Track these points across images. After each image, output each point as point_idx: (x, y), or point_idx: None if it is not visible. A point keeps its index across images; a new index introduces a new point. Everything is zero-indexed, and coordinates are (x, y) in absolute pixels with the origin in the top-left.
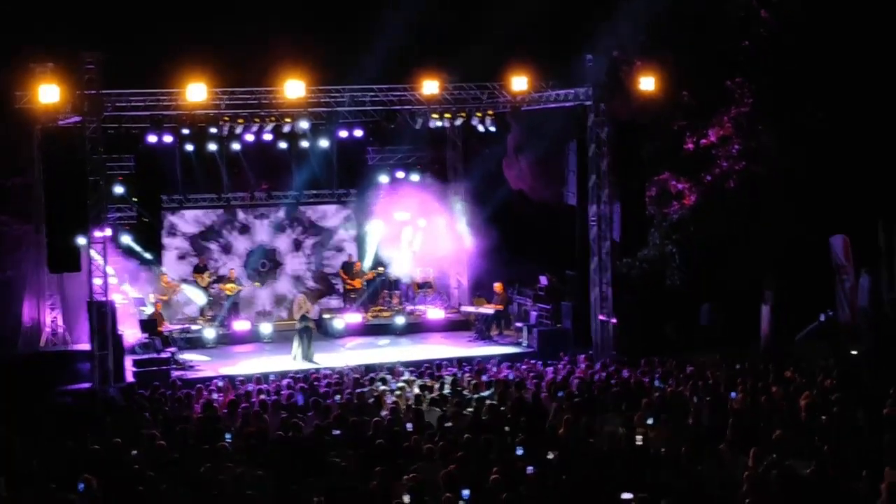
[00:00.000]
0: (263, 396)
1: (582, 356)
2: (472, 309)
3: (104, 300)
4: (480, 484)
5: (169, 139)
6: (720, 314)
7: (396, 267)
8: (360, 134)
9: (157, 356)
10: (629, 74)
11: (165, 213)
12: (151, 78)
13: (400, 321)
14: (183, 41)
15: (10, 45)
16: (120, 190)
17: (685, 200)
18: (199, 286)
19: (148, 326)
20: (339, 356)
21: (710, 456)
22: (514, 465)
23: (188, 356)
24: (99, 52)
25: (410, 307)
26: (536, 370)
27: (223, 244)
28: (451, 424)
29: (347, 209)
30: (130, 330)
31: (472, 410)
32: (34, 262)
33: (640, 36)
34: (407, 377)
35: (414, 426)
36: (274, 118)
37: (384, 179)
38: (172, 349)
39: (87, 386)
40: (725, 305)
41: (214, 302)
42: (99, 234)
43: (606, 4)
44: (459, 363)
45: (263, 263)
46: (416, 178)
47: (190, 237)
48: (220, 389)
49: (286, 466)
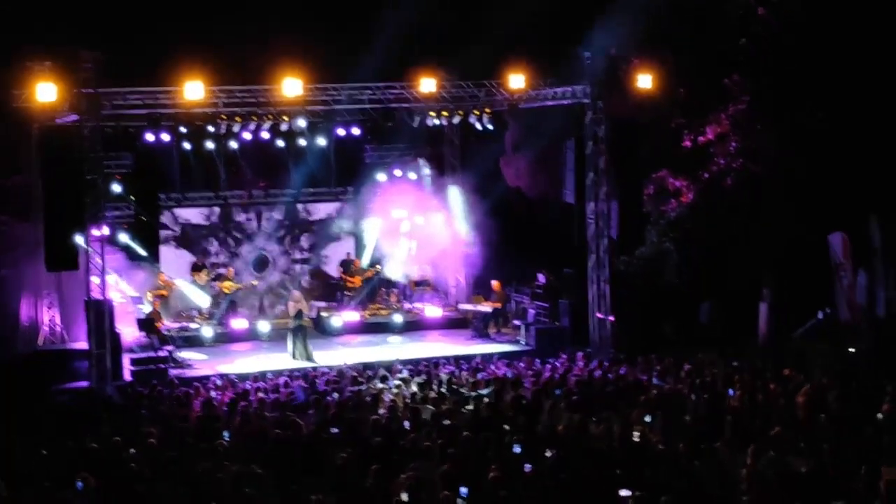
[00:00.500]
0: (261, 395)
1: (580, 354)
2: (470, 307)
3: (102, 299)
4: (478, 482)
5: (166, 138)
6: (719, 312)
7: (394, 265)
8: (357, 132)
9: (154, 355)
10: (627, 72)
11: (163, 211)
12: (149, 76)
13: (398, 319)
14: (180, 39)
15: (7, 43)
16: (118, 188)
17: (683, 198)
18: (197, 284)
19: (146, 325)
20: (337, 354)
21: (707, 454)
22: (512, 463)
23: (186, 354)
24: (96, 50)
25: (408, 305)
26: (534, 368)
27: (221, 243)
28: (448, 422)
29: (345, 207)
30: (128, 328)
31: (470, 408)
32: (32, 260)
33: (637, 34)
34: (405, 375)
35: (412, 424)
36: (271, 116)
37: (382, 177)
38: (170, 348)
39: (84, 385)
40: (724, 303)
41: (212, 300)
42: (97, 232)
43: (604, 2)
44: (457, 361)
45: (261, 261)
46: (413, 175)
47: (188, 236)
48: (218, 388)
49: (284, 465)
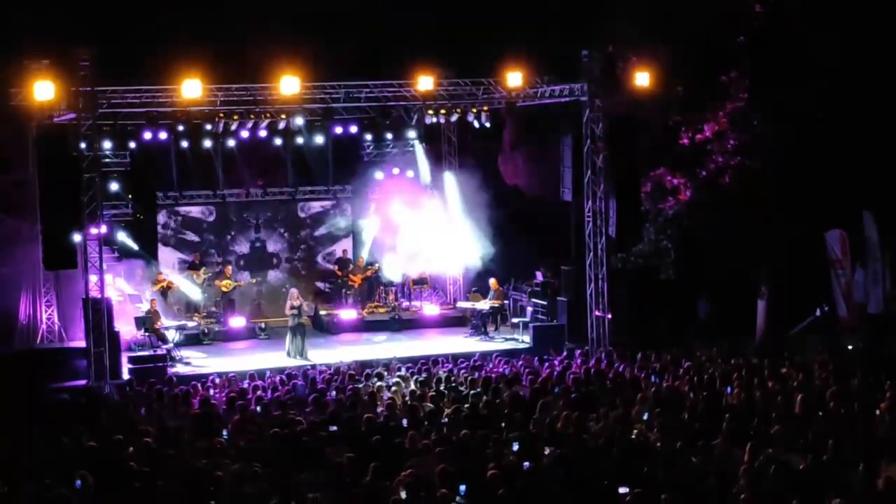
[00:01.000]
0: (260, 393)
1: (578, 351)
2: (467, 305)
3: (100, 297)
4: (477, 480)
5: (164, 136)
6: (717, 310)
7: (392, 263)
8: (355, 130)
9: (153, 353)
10: (624, 69)
11: (161, 209)
12: (147, 75)
13: (396, 317)
14: (178, 38)
15: (5, 42)
16: (115, 187)
17: (680, 196)
18: (194, 282)
19: (144, 323)
20: (335, 352)
21: (705, 451)
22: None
23: (184, 352)
24: (94, 48)
25: (406, 303)
26: (532, 366)
27: (218, 241)
28: (447, 420)
29: (343, 205)
30: (127, 327)
31: (468, 406)
32: (30, 259)
33: (634, 31)
34: (403, 373)
35: (410, 422)
36: (269, 114)
37: (379, 175)
38: (168, 346)
39: (83, 383)
40: (721, 301)
41: (210, 298)
42: (94, 230)
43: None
44: (455, 359)
45: (259, 260)
46: (411, 173)
47: (185, 234)
48: (216, 386)
49: (282, 463)
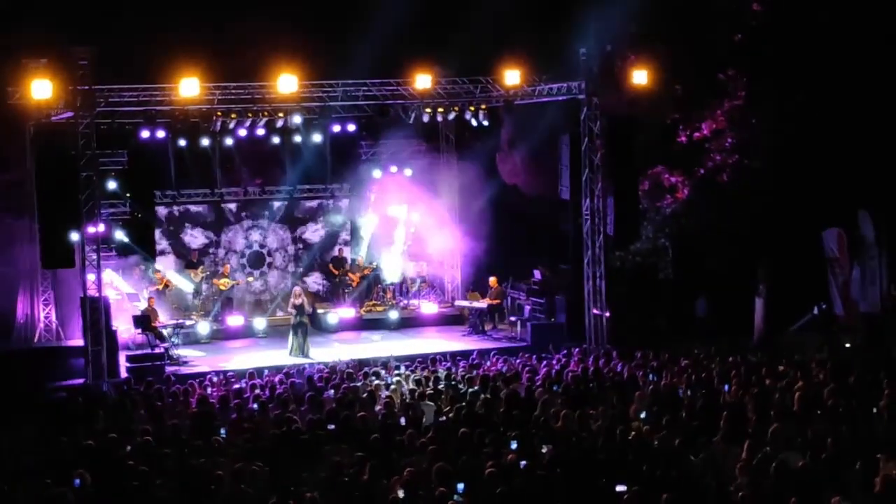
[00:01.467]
0: (258, 391)
1: (576, 349)
2: (465, 303)
3: (97, 296)
4: (475, 478)
5: (162, 134)
6: (714, 307)
7: (390, 261)
8: (353, 128)
9: (150, 352)
10: (622, 68)
11: (158, 208)
12: (144, 73)
13: (394, 316)
14: (175, 36)
15: (2, 41)
16: (113, 185)
17: (678, 194)
18: (192, 281)
19: (141, 322)
20: (333, 351)
21: (703, 449)
22: (507, 458)
23: (182, 351)
24: (91, 47)
25: (404, 302)
26: (530, 364)
27: (216, 239)
28: (445, 419)
29: (341, 204)
30: (124, 325)
31: (466, 405)
32: (27, 257)
33: (632, 29)
34: (401, 371)
35: (408, 421)
36: (267, 113)
37: (377, 174)
38: (166, 344)
39: (80, 381)
40: (719, 299)
41: (208, 297)
42: (92, 229)
43: None
44: (453, 357)
45: (257, 258)
46: (409, 172)
47: (183, 232)
48: (214, 384)
49: (281, 461)
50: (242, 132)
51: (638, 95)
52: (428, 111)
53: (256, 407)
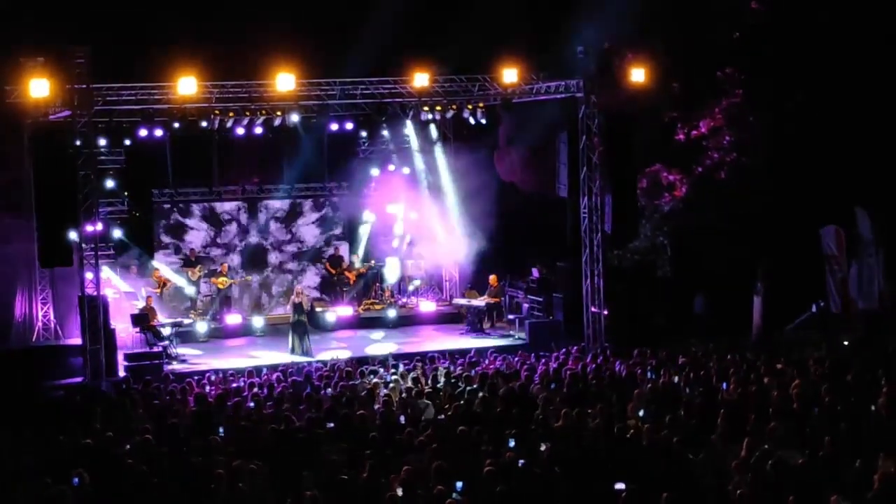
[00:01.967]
0: (256, 390)
1: (574, 348)
2: (463, 301)
3: (96, 294)
4: (473, 476)
5: (160, 133)
6: (712, 305)
7: (388, 260)
8: (350, 127)
9: (149, 350)
10: (620, 66)
11: (156, 206)
12: (142, 72)
13: (392, 314)
14: (173, 35)
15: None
16: (111, 184)
17: (676, 192)
18: (190, 280)
19: (140, 321)
20: (331, 349)
21: (702, 447)
22: (506, 457)
23: (180, 350)
24: (89, 46)
25: (402, 300)
26: (529, 362)
27: (214, 238)
28: (443, 417)
29: (338, 202)
30: (123, 324)
31: (464, 403)
32: (25, 256)
33: (630, 27)
34: (399, 370)
35: (406, 419)
36: (264, 111)
37: (375, 172)
38: (164, 343)
39: (79, 380)
40: (717, 296)
41: (206, 295)
42: (90, 228)
43: None
44: (452, 356)
45: (255, 257)
46: (406, 170)
47: (181, 231)
48: (212, 383)
49: (279, 459)
50: (240, 130)
51: (636, 93)
52: (426, 109)
53: (254, 405)
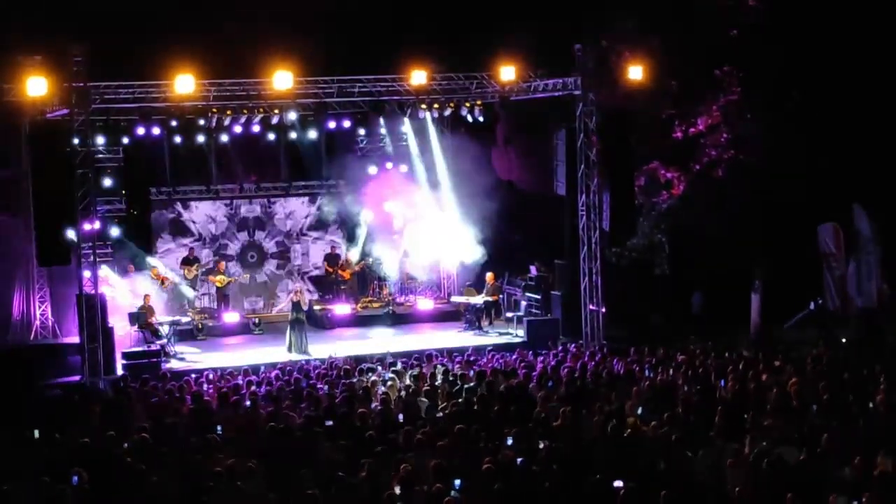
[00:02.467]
0: (254, 388)
1: (572, 345)
2: (461, 299)
3: (93, 293)
4: (472, 474)
5: (157, 131)
6: (710, 303)
7: (385, 257)
8: (348, 124)
9: (147, 349)
10: (617, 63)
11: (154, 204)
12: (139, 70)
13: (390, 312)
14: (171, 33)
15: None
16: (108, 182)
17: (674, 190)
18: (187, 278)
19: (137, 319)
20: (328, 347)
21: (700, 444)
22: (504, 455)
23: (178, 348)
24: (86, 44)
25: (400, 298)
26: (527, 360)
27: (212, 236)
28: (441, 415)
29: (336, 199)
30: (120, 323)
31: (462, 401)
32: (23, 255)
33: (628, 25)
34: (397, 368)
35: (405, 417)
36: (262, 109)
37: (373, 170)
38: (162, 341)
39: (76, 379)
40: (715, 294)
41: (204, 293)
42: (88, 226)
43: None
44: (450, 354)
45: (252, 255)
46: (404, 168)
47: (179, 229)
48: (210, 381)
49: (277, 458)
50: (238, 128)
51: (633, 91)
52: (423, 107)
53: (252, 404)
